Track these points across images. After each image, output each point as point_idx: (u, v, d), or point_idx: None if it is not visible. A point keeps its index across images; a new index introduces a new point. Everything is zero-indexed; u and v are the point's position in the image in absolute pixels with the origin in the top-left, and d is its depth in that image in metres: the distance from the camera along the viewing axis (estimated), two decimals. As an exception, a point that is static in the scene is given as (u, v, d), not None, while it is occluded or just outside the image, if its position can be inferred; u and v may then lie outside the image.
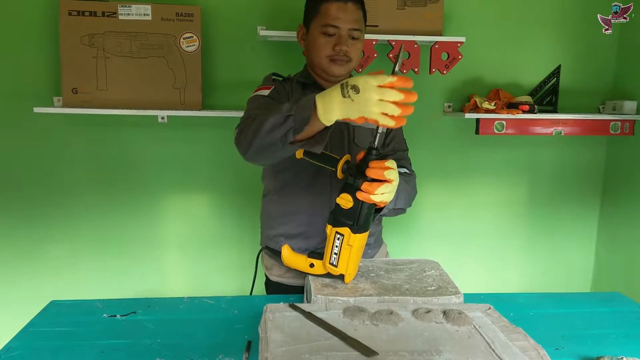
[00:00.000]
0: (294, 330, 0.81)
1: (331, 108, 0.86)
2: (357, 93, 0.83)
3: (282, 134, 0.91)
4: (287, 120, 0.90)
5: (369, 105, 0.83)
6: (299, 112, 0.89)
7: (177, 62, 1.82)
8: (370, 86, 0.82)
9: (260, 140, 0.95)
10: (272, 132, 0.93)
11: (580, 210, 2.24)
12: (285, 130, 0.91)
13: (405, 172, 1.25)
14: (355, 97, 0.83)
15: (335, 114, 0.87)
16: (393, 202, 1.07)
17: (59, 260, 1.98)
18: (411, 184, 1.21)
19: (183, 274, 2.08)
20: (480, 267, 2.23)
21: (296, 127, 0.90)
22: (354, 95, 0.83)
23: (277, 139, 0.92)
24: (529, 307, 1.05)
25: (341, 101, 0.85)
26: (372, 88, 0.82)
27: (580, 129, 2.02)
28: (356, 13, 1.20)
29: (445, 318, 0.87)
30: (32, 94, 1.85)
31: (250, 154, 1.00)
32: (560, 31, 2.10)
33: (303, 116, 0.88)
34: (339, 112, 0.86)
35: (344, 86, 0.85)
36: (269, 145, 0.95)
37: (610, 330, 0.95)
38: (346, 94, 0.84)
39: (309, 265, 1.03)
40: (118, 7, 1.76)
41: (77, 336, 0.89)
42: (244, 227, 2.04)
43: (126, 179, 1.97)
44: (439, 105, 2.09)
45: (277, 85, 1.24)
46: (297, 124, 0.89)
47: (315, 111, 0.88)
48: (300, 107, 0.90)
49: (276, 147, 0.95)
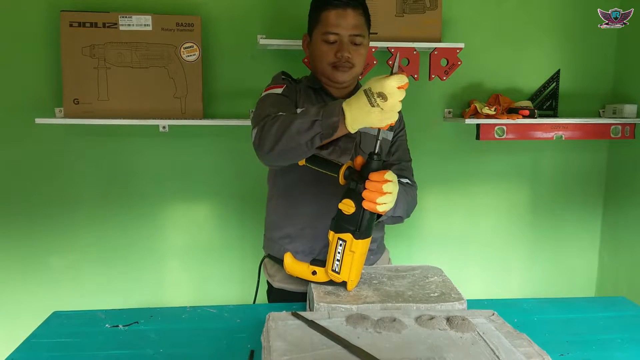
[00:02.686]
0: (296, 338, 0.81)
1: (358, 117, 0.87)
2: (385, 101, 0.84)
3: (309, 138, 0.92)
4: (314, 125, 0.91)
5: (395, 111, 0.85)
6: (326, 118, 0.90)
7: (177, 71, 1.83)
8: (395, 91, 0.84)
9: (285, 143, 0.95)
10: (297, 136, 0.93)
11: (583, 215, 2.24)
12: (312, 135, 0.91)
13: (407, 183, 1.25)
14: (384, 105, 0.84)
15: (361, 123, 0.88)
16: (392, 210, 1.07)
17: (61, 271, 1.98)
18: (411, 194, 1.22)
19: (185, 283, 2.08)
20: (483, 272, 2.22)
21: (324, 133, 0.90)
22: (383, 103, 0.84)
23: (303, 143, 0.93)
24: (533, 313, 1.05)
25: (369, 110, 0.86)
26: (397, 93, 0.84)
27: (580, 133, 2.02)
28: (356, 19, 1.21)
29: (449, 325, 0.86)
30: (34, 104, 1.86)
31: (272, 156, 0.99)
32: (559, 35, 2.10)
33: (330, 122, 0.89)
34: (367, 121, 0.87)
35: (369, 94, 0.85)
36: (293, 148, 0.95)
37: (615, 335, 0.95)
38: (374, 103, 0.85)
39: (312, 272, 1.03)
40: (119, 18, 1.77)
41: (79, 347, 0.89)
42: (246, 235, 2.03)
43: (128, 188, 1.97)
44: (439, 111, 2.10)
45: (287, 84, 1.24)
46: (325, 129, 0.90)
47: (342, 118, 0.88)
48: (327, 113, 0.90)
49: (300, 151, 0.95)
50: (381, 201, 0.93)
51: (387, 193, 0.93)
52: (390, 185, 0.94)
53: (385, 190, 0.93)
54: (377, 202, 0.93)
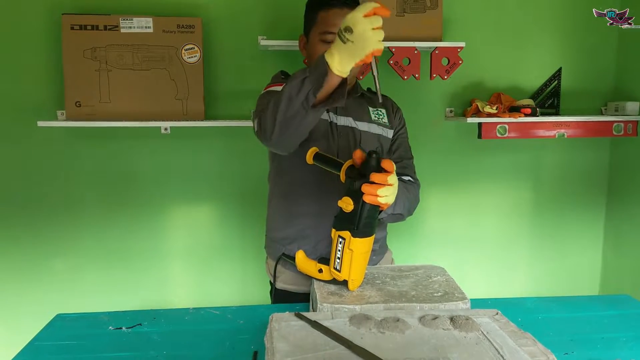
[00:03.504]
0: (300, 339, 0.81)
1: (341, 57, 0.88)
2: (352, 33, 0.85)
3: (303, 98, 0.92)
4: (303, 83, 0.91)
5: (367, 38, 0.85)
6: (313, 72, 0.91)
7: (179, 73, 1.83)
8: (360, 20, 0.84)
9: (283, 114, 0.95)
10: (292, 102, 0.93)
11: (586, 213, 2.23)
12: (305, 93, 0.91)
13: (409, 180, 1.25)
14: (353, 38, 0.85)
15: (345, 62, 0.88)
16: (392, 207, 1.06)
17: (64, 274, 1.98)
18: (413, 192, 1.21)
19: (188, 285, 2.08)
20: (486, 271, 2.22)
21: (315, 87, 0.91)
22: (351, 36, 0.85)
23: (299, 106, 0.93)
24: (537, 312, 1.04)
25: (344, 48, 0.87)
26: (362, 21, 0.84)
27: (583, 131, 2.02)
28: None
29: (453, 324, 0.86)
30: (36, 107, 1.86)
31: (276, 134, 0.98)
32: (560, 33, 2.10)
33: (319, 72, 0.90)
34: (348, 59, 0.88)
35: (339, 33, 0.87)
36: (293, 116, 0.94)
37: (620, 334, 0.94)
38: (345, 39, 0.86)
39: (318, 270, 1.03)
40: (120, 21, 1.78)
41: (83, 349, 0.89)
42: (248, 236, 2.04)
43: (130, 190, 1.98)
44: (440, 110, 2.09)
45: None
46: (314, 82, 0.90)
47: (329, 67, 0.89)
48: (313, 67, 0.91)
49: (300, 116, 0.94)
50: (383, 193, 0.93)
51: (389, 185, 0.93)
52: (392, 177, 0.94)
53: (389, 182, 0.93)
54: (378, 194, 0.93)
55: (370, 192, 0.93)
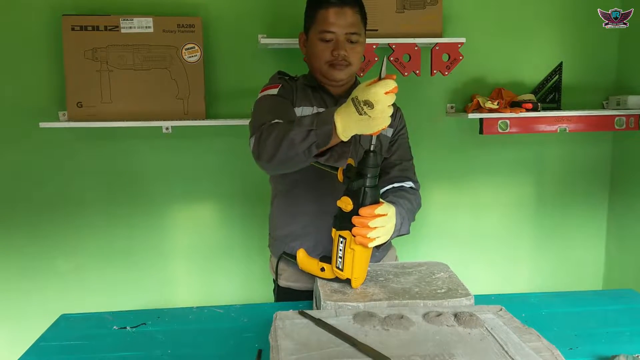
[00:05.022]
0: (304, 337, 0.81)
1: (349, 126, 0.88)
2: (372, 108, 0.84)
3: (305, 148, 0.93)
4: (309, 134, 0.92)
5: (385, 117, 0.85)
6: (320, 127, 0.91)
7: (179, 72, 1.83)
8: (382, 98, 0.84)
9: (283, 154, 0.96)
10: (294, 147, 0.94)
11: (589, 207, 2.23)
12: (308, 144, 0.92)
13: (410, 188, 1.24)
14: (371, 113, 0.85)
15: (353, 131, 0.89)
16: (397, 231, 1.06)
17: (68, 274, 1.99)
18: (416, 201, 1.22)
19: (191, 284, 2.08)
20: (490, 267, 2.22)
21: (319, 142, 0.92)
22: (370, 111, 0.85)
23: (300, 153, 0.94)
24: (541, 307, 1.04)
25: (358, 119, 0.86)
26: (384, 99, 0.84)
27: (584, 126, 2.01)
28: (353, 17, 1.21)
29: (457, 321, 0.86)
30: (38, 109, 1.86)
31: (272, 166, 1.01)
32: (560, 28, 2.09)
33: (324, 131, 0.90)
34: (357, 129, 0.88)
35: (356, 103, 0.86)
36: (292, 158, 0.96)
37: (624, 328, 0.94)
38: (362, 111, 0.85)
39: (320, 269, 1.03)
40: (120, 21, 1.78)
41: (87, 349, 0.89)
42: (251, 234, 2.04)
43: (132, 190, 1.98)
44: (441, 106, 2.09)
45: (283, 83, 1.24)
46: (320, 138, 0.91)
47: (335, 129, 0.89)
48: (321, 122, 0.91)
49: (298, 159, 0.96)
50: (373, 235, 0.94)
51: (377, 227, 0.94)
52: (381, 220, 0.94)
53: (372, 226, 0.93)
54: (368, 238, 0.93)
55: (360, 234, 0.93)
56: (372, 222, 0.93)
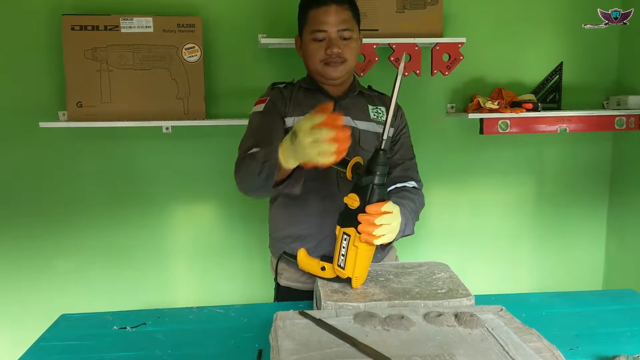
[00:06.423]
0: (305, 337, 0.81)
1: (286, 155, 0.93)
2: (296, 138, 0.87)
3: (264, 178, 0.99)
4: (264, 166, 0.98)
5: (305, 148, 0.85)
6: (269, 158, 0.97)
7: (179, 72, 1.83)
8: (303, 129, 0.85)
9: (252, 185, 1.05)
10: (256, 179, 1.01)
11: (589, 207, 2.23)
12: (265, 175, 0.99)
13: (413, 188, 1.24)
14: (295, 143, 0.87)
15: (290, 160, 0.93)
16: (401, 232, 1.06)
17: (68, 274, 1.99)
18: (419, 201, 1.22)
19: (191, 284, 2.08)
20: (490, 268, 2.22)
21: (270, 173, 0.97)
22: (294, 141, 0.87)
23: (261, 184, 1.00)
24: (541, 307, 1.04)
25: (289, 147, 0.91)
26: (305, 131, 0.85)
27: (585, 126, 2.01)
28: (343, 13, 1.21)
29: (457, 321, 0.86)
30: (38, 109, 1.86)
31: (250, 195, 1.12)
32: (561, 28, 2.09)
33: (272, 162, 0.95)
34: (292, 158, 0.92)
35: (291, 131, 0.89)
36: (259, 188, 1.04)
37: (625, 328, 0.94)
38: (293, 139, 0.88)
39: (321, 268, 1.03)
40: (120, 21, 1.78)
41: (88, 349, 0.89)
42: (251, 234, 2.04)
43: (132, 190, 1.98)
44: (442, 106, 2.09)
45: (273, 95, 1.26)
46: (271, 169, 0.96)
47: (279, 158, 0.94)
48: (269, 154, 0.97)
49: (265, 189, 1.02)
50: (379, 233, 0.94)
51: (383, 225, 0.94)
52: (387, 218, 0.94)
53: (379, 223, 0.93)
54: (373, 235, 0.93)
55: (366, 231, 0.93)
56: (379, 219, 0.93)
